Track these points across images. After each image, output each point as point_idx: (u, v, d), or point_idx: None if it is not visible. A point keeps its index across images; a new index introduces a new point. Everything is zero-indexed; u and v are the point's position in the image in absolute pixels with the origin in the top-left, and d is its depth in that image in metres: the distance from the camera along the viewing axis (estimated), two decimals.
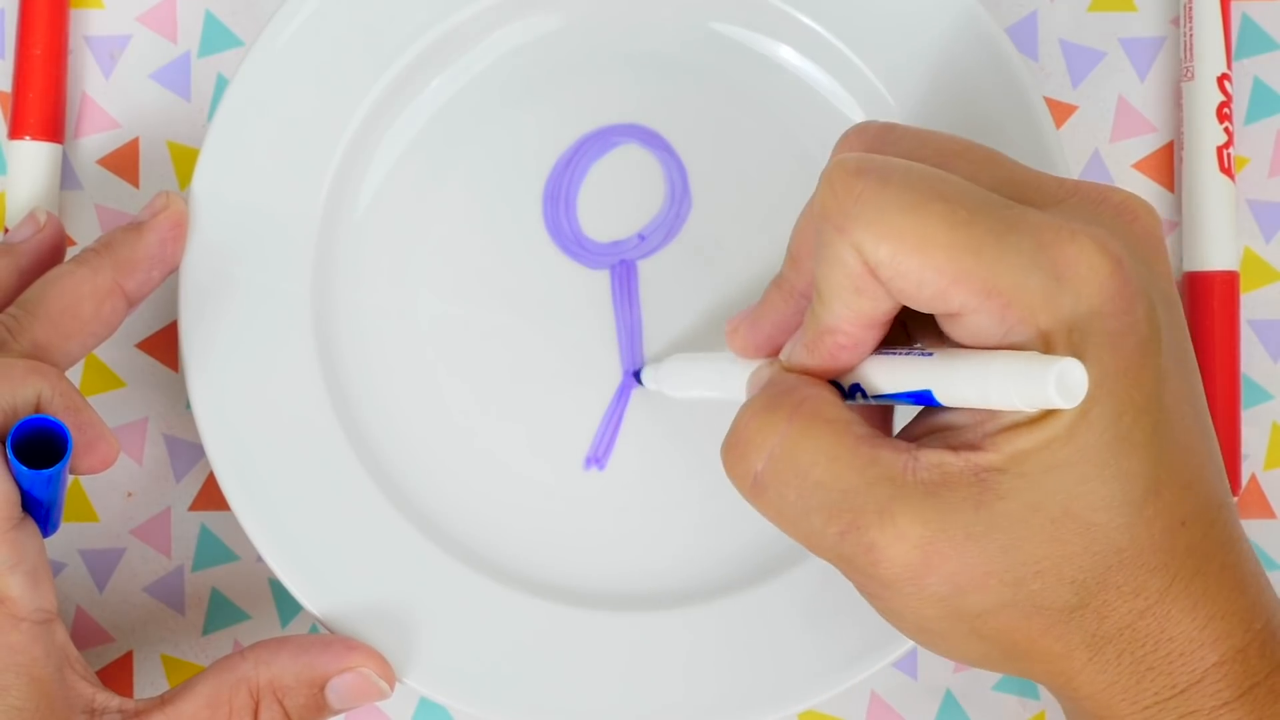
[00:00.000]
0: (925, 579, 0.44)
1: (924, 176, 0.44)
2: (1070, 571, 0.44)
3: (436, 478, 0.58)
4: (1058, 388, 0.41)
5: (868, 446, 0.45)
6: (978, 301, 0.43)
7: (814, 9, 0.59)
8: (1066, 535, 0.44)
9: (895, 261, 0.43)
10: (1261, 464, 0.62)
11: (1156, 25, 0.63)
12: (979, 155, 0.47)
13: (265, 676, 0.53)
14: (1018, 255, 0.43)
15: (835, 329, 0.46)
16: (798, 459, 0.45)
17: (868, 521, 0.44)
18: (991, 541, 0.44)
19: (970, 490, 0.44)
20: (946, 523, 0.44)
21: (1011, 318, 0.43)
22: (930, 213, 0.43)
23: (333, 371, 0.58)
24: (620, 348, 0.59)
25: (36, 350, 0.53)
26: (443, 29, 0.59)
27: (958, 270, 0.43)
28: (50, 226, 0.57)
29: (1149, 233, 0.46)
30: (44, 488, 0.51)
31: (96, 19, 0.62)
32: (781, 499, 0.46)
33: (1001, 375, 0.43)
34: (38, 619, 0.51)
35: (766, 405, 0.46)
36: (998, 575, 0.44)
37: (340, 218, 0.59)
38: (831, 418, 0.46)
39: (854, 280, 0.44)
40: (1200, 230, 0.61)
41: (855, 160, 0.45)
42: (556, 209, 0.59)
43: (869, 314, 0.45)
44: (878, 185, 0.44)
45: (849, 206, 0.44)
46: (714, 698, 0.57)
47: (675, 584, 0.58)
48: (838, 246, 0.44)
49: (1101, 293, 0.43)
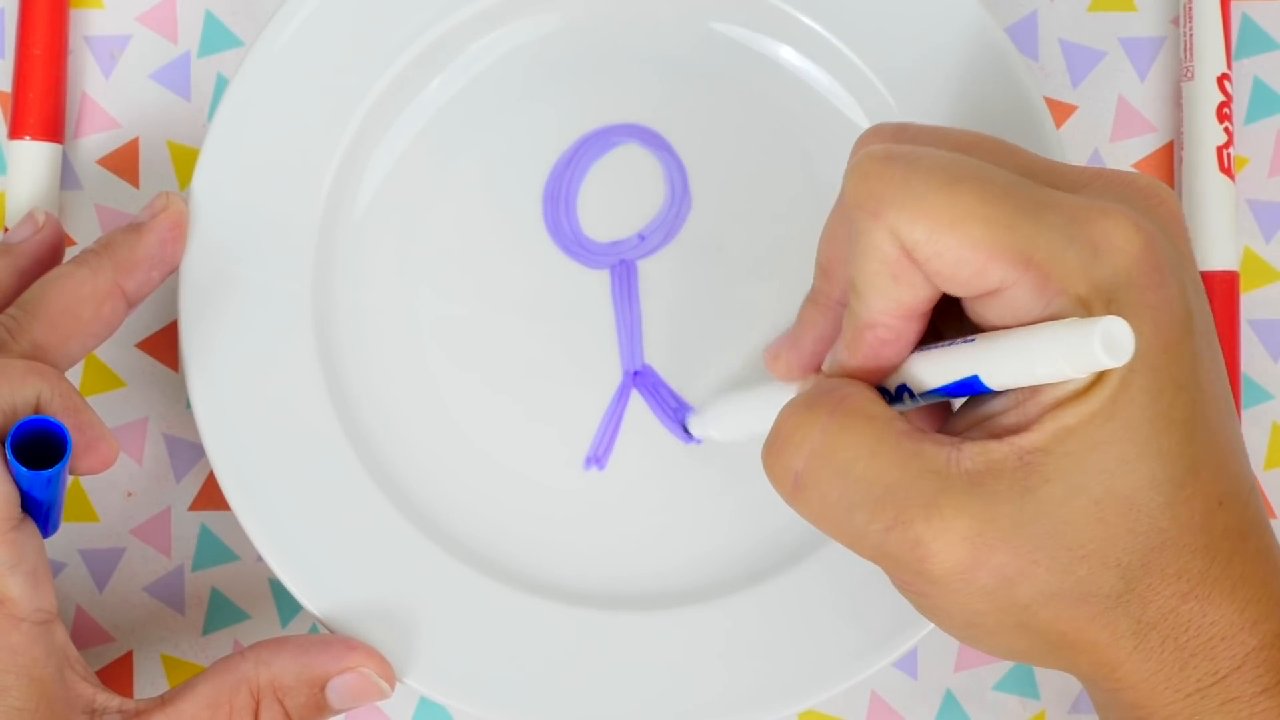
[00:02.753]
0: (974, 572, 0.44)
1: (953, 159, 0.44)
2: (1115, 554, 0.44)
3: (436, 477, 0.58)
4: (1104, 346, 0.41)
5: (910, 441, 0.45)
6: (1017, 274, 0.43)
7: (814, 9, 0.59)
8: (1110, 516, 0.44)
9: (932, 240, 0.44)
10: (1261, 464, 0.62)
11: (1156, 25, 0.63)
12: (997, 146, 0.48)
13: (266, 676, 0.53)
14: (1052, 228, 0.43)
15: (875, 323, 0.46)
16: (839, 455, 0.45)
17: (913, 516, 0.44)
18: (1038, 528, 0.44)
19: (1015, 476, 0.44)
20: (994, 513, 0.44)
21: (1051, 289, 0.43)
22: (963, 190, 0.43)
23: (333, 371, 0.58)
24: (620, 348, 0.59)
25: (36, 351, 0.53)
26: (443, 29, 0.59)
27: (995, 244, 0.43)
28: (49, 227, 0.57)
29: (1174, 216, 0.46)
30: (44, 488, 0.51)
31: (96, 19, 0.62)
32: (823, 498, 0.46)
33: (1047, 344, 0.42)
34: (38, 619, 0.51)
35: (806, 403, 0.46)
36: (1045, 563, 0.44)
37: (340, 218, 0.59)
38: (872, 414, 0.46)
39: (891, 267, 0.44)
40: (1200, 230, 0.61)
41: (882, 149, 0.45)
42: (556, 209, 0.59)
43: (908, 303, 0.45)
44: (908, 168, 0.44)
45: (881, 191, 0.44)
46: (714, 697, 0.57)
47: (675, 584, 0.58)
48: (873, 233, 0.44)
49: (1138, 265, 0.43)
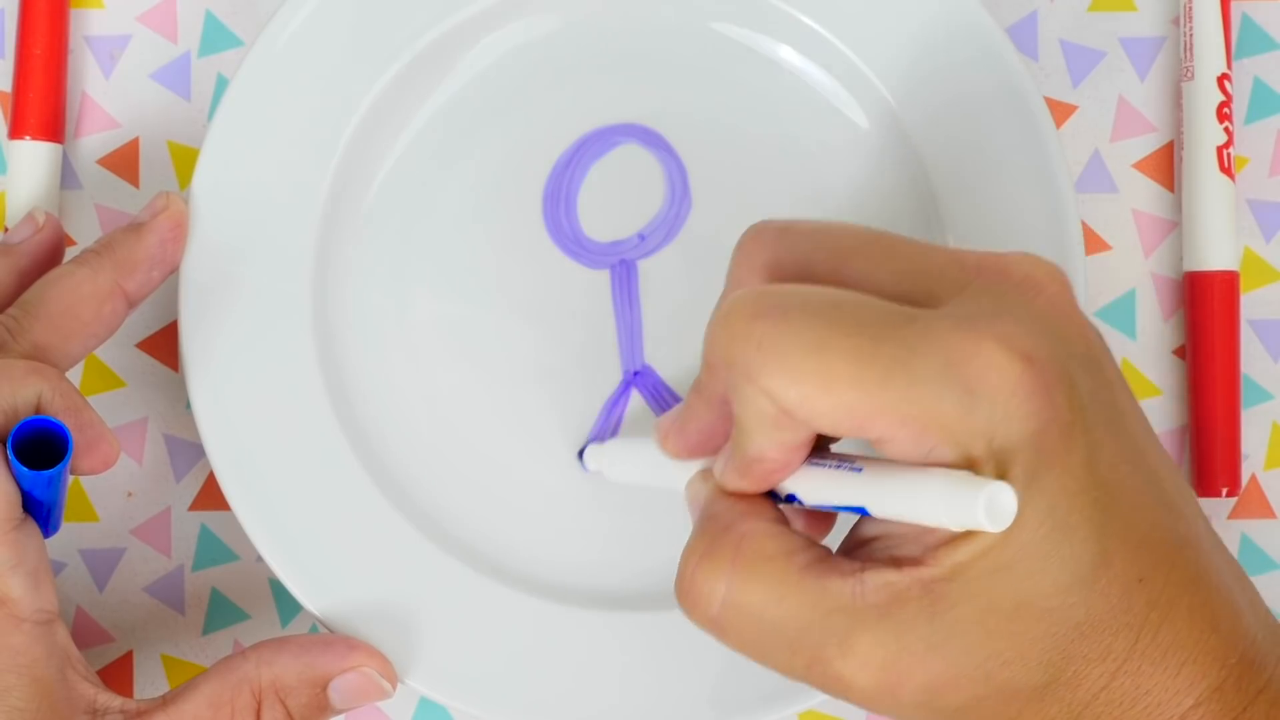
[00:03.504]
0: (897, 693, 0.45)
1: (820, 310, 0.44)
2: (1035, 655, 0.44)
3: (436, 477, 0.58)
4: (987, 512, 0.42)
5: (814, 578, 0.45)
6: (894, 430, 0.43)
7: (814, 9, 0.59)
8: (1023, 626, 0.44)
9: (806, 404, 0.43)
10: (1261, 464, 0.62)
11: (1156, 25, 0.63)
12: (876, 249, 0.47)
13: (267, 676, 0.53)
14: (926, 379, 0.43)
15: (761, 457, 0.46)
16: (749, 601, 0.45)
17: (829, 655, 0.45)
18: (953, 647, 0.44)
19: (921, 604, 0.44)
20: (905, 640, 0.44)
21: (930, 440, 0.43)
22: (833, 350, 0.43)
23: (333, 371, 0.58)
24: (620, 348, 0.59)
25: (37, 351, 0.53)
26: (442, 29, 0.59)
27: (870, 405, 0.43)
28: (49, 227, 0.57)
29: (1056, 302, 0.46)
30: (44, 488, 0.51)
31: (96, 19, 0.62)
32: (742, 640, 0.46)
33: (931, 498, 0.43)
34: (39, 620, 0.51)
35: (707, 551, 0.46)
36: (967, 675, 0.44)
37: (340, 218, 0.59)
38: (772, 554, 0.46)
39: (772, 419, 0.44)
40: (1200, 230, 0.61)
41: (751, 302, 0.45)
42: (556, 209, 0.59)
43: (792, 442, 0.45)
44: (777, 327, 0.44)
45: (752, 354, 0.44)
46: (714, 697, 0.57)
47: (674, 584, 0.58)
48: (748, 393, 0.44)
49: (1015, 396, 0.43)
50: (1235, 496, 0.61)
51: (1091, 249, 0.62)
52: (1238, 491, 0.61)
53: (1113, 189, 0.62)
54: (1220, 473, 0.60)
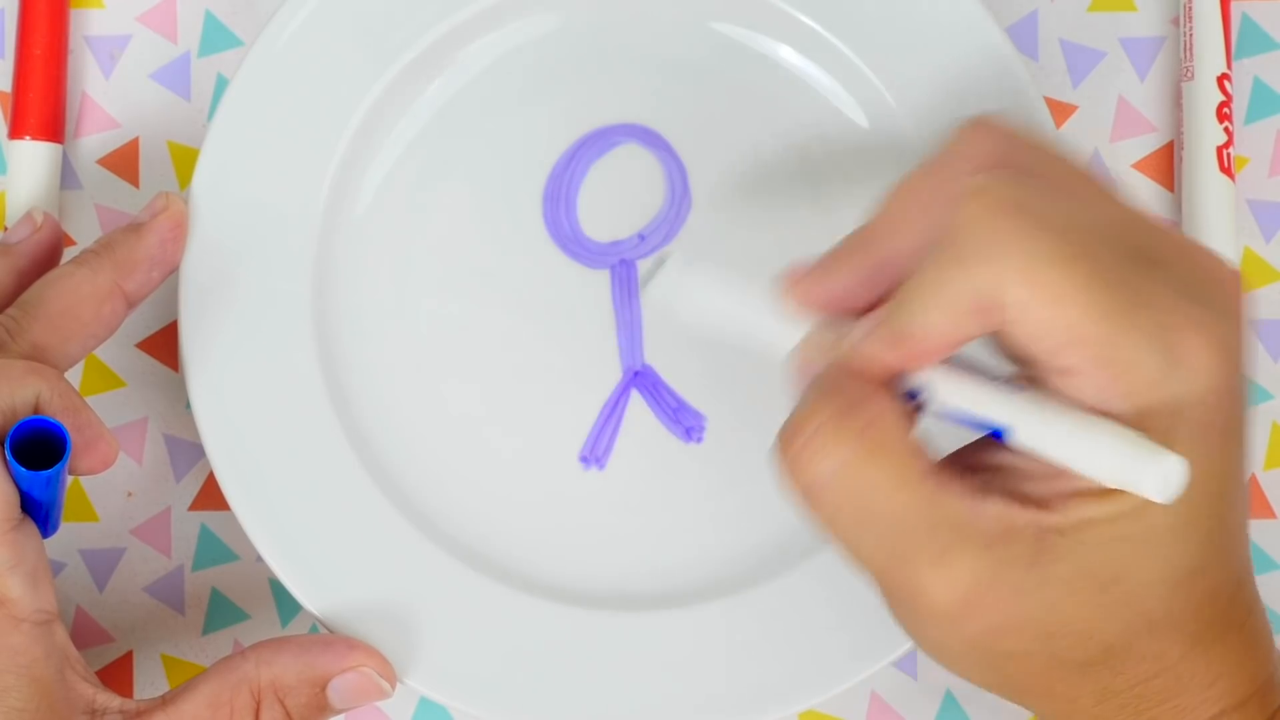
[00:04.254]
0: (963, 622, 0.45)
1: (1071, 228, 0.44)
2: (1102, 634, 0.45)
3: (436, 477, 0.58)
4: (1159, 483, 0.42)
5: (934, 484, 0.45)
6: (1091, 367, 0.43)
7: (814, 9, 0.59)
8: (1108, 601, 0.44)
9: (1027, 309, 0.43)
10: (1261, 464, 0.62)
11: (1156, 25, 0.63)
12: (1095, 191, 0.47)
13: (267, 676, 0.53)
14: (1141, 333, 0.43)
15: (925, 338, 0.45)
16: (861, 483, 0.45)
17: (921, 560, 0.44)
18: (1037, 598, 0.44)
19: (1028, 548, 0.44)
20: (999, 577, 0.44)
21: (1117, 390, 0.43)
22: (1076, 271, 0.43)
23: (333, 371, 0.58)
24: (620, 347, 0.59)
25: (36, 351, 0.53)
26: (443, 29, 0.59)
27: (1083, 334, 0.43)
28: (47, 227, 0.57)
29: (1241, 310, 0.46)
30: (43, 489, 0.51)
31: (96, 19, 0.62)
32: (836, 514, 0.46)
33: (1099, 447, 0.43)
34: (38, 620, 0.51)
35: (835, 416, 0.45)
36: (1033, 628, 0.45)
37: (340, 218, 0.59)
38: (900, 446, 0.45)
39: (966, 306, 0.44)
40: (1200, 230, 0.61)
41: (1015, 187, 0.44)
42: (556, 209, 0.59)
43: (963, 336, 0.45)
44: (1030, 226, 0.43)
45: (996, 239, 0.43)
46: (714, 697, 0.57)
47: (675, 584, 0.58)
48: (962, 272, 0.44)
49: (1208, 385, 0.43)
50: None
51: None
52: None
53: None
54: None
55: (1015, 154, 0.47)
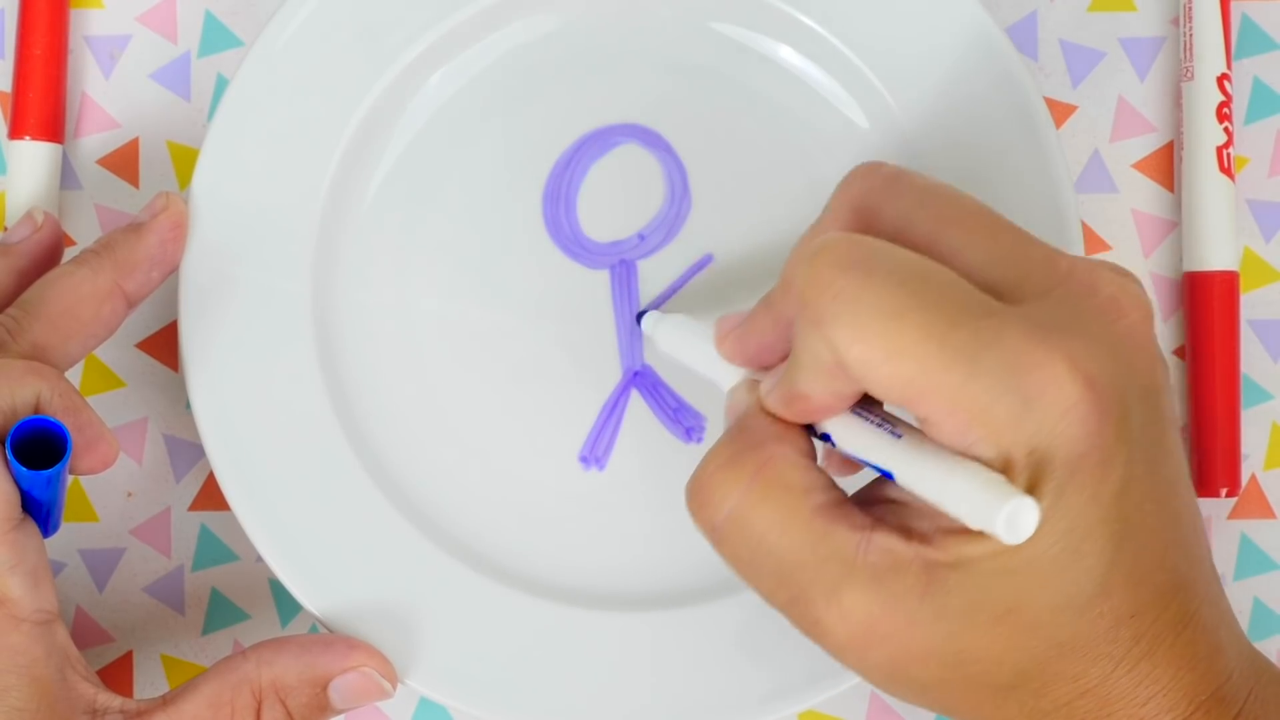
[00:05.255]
0: (866, 653, 0.45)
1: (906, 279, 0.44)
2: (1010, 660, 0.45)
3: (436, 477, 0.58)
4: (1006, 523, 0.42)
5: (823, 521, 0.46)
6: (942, 416, 0.44)
7: (814, 9, 0.59)
8: (1007, 631, 0.45)
9: (865, 365, 0.44)
10: (1261, 464, 0.62)
11: (1156, 25, 0.63)
12: (979, 224, 0.47)
13: (268, 676, 0.53)
14: (988, 376, 0.43)
15: (808, 396, 0.46)
16: (753, 523, 0.46)
17: (814, 597, 0.45)
18: (935, 629, 0.45)
19: (917, 580, 0.45)
20: (891, 608, 0.45)
21: (974, 434, 0.44)
22: (907, 323, 0.43)
23: (333, 371, 0.58)
24: (620, 347, 0.59)
25: (36, 351, 0.53)
26: (442, 29, 0.59)
27: (926, 384, 0.43)
28: (47, 226, 0.57)
29: (1133, 331, 0.46)
30: (44, 488, 0.51)
31: (96, 19, 0.62)
32: (736, 552, 0.47)
33: (958, 490, 0.43)
34: (38, 620, 0.51)
35: (731, 460, 0.47)
36: (938, 657, 0.45)
37: (340, 217, 0.59)
38: (791, 484, 0.46)
39: (826, 368, 0.45)
40: (1200, 230, 0.61)
41: (843, 250, 0.45)
42: (556, 209, 0.59)
43: (840, 392, 0.46)
44: (860, 284, 0.44)
45: (827, 302, 0.44)
46: (714, 697, 0.57)
47: (675, 584, 0.58)
48: (812, 337, 0.45)
49: (1067, 417, 0.43)
50: (1235, 497, 0.61)
51: (1091, 249, 0.62)
52: (1237, 491, 0.61)
53: (1112, 189, 0.62)
54: (1220, 473, 0.60)
55: (889, 199, 0.48)
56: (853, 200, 0.49)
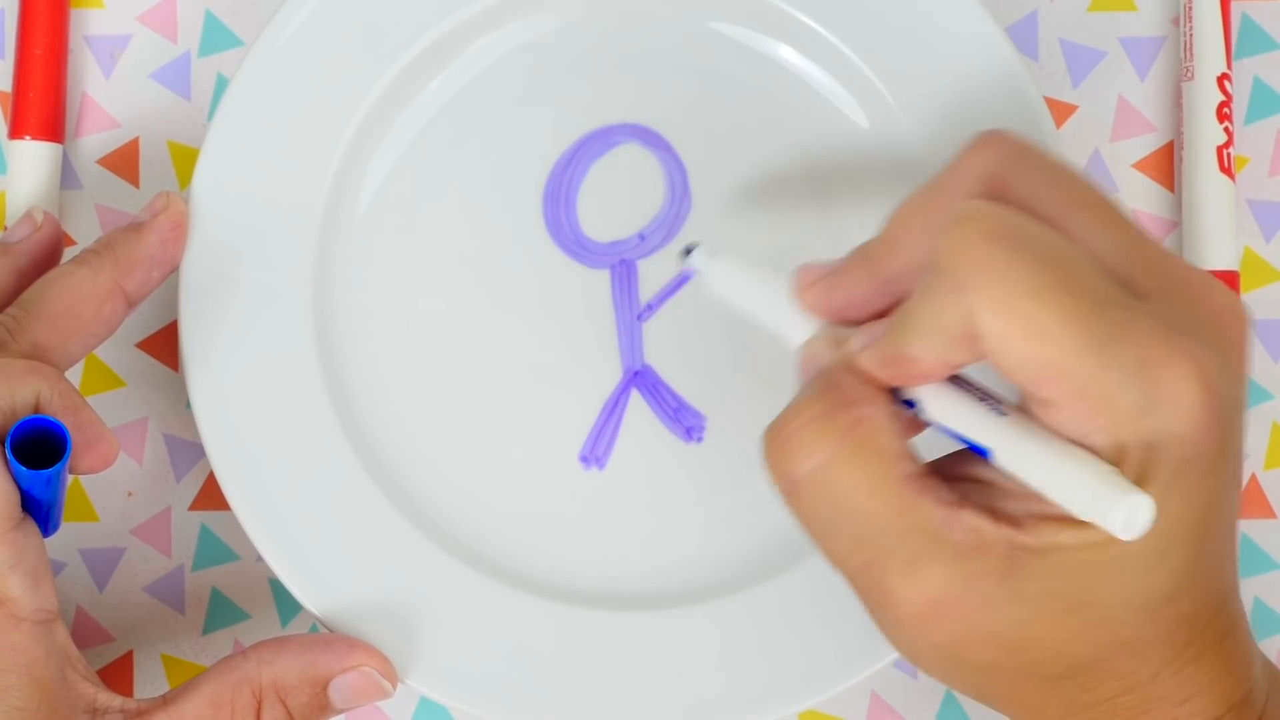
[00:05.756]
0: (931, 628, 0.45)
1: (1054, 259, 0.44)
2: (1070, 652, 0.45)
3: (436, 477, 0.58)
4: (1124, 519, 0.42)
5: (911, 490, 0.45)
6: (1068, 401, 0.43)
7: (814, 9, 0.59)
8: (1077, 623, 0.45)
9: (1003, 340, 0.43)
10: (1261, 464, 0.62)
11: (1156, 25, 0.63)
12: (1101, 214, 0.47)
13: (268, 676, 0.53)
14: (1120, 367, 0.43)
15: (916, 360, 0.45)
16: (840, 482, 0.46)
17: (891, 565, 0.45)
18: (1005, 614, 0.45)
19: (999, 562, 0.44)
20: (968, 588, 0.45)
21: (1095, 423, 0.43)
22: (1052, 304, 0.43)
23: (333, 371, 0.58)
24: (620, 347, 0.59)
25: (36, 351, 0.53)
26: (443, 29, 0.59)
27: (1060, 368, 0.43)
28: (47, 226, 0.57)
29: (1238, 344, 0.46)
30: (44, 488, 0.51)
31: (96, 19, 0.62)
32: (815, 511, 0.46)
33: (1071, 479, 0.43)
34: (38, 619, 0.51)
35: (823, 414, 0.46)
36: (999, 641, 0.45)
37: (340, 218, 0.59)
38: (883, 448, 0.46)
39: (954, 334, 0.44)
40: (1200, 230, 0.61)
41: (994, 220, 0.44)
42: (556, 209, 0.59)
43: (955, 361, 0.45)
44: (1010, 258, 0.43)
45: (974, 270, 0.43)
46: (714, 696, 0.57)
47: (675, 584, 0.58)
48: (948, 302, 0.44)
49: (1188, 421, 0.43)
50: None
51: None
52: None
53: (1113, 189, 0.62)
54: None
55: (1020, 173, 0.47)
56: (981, 169, 0.48)
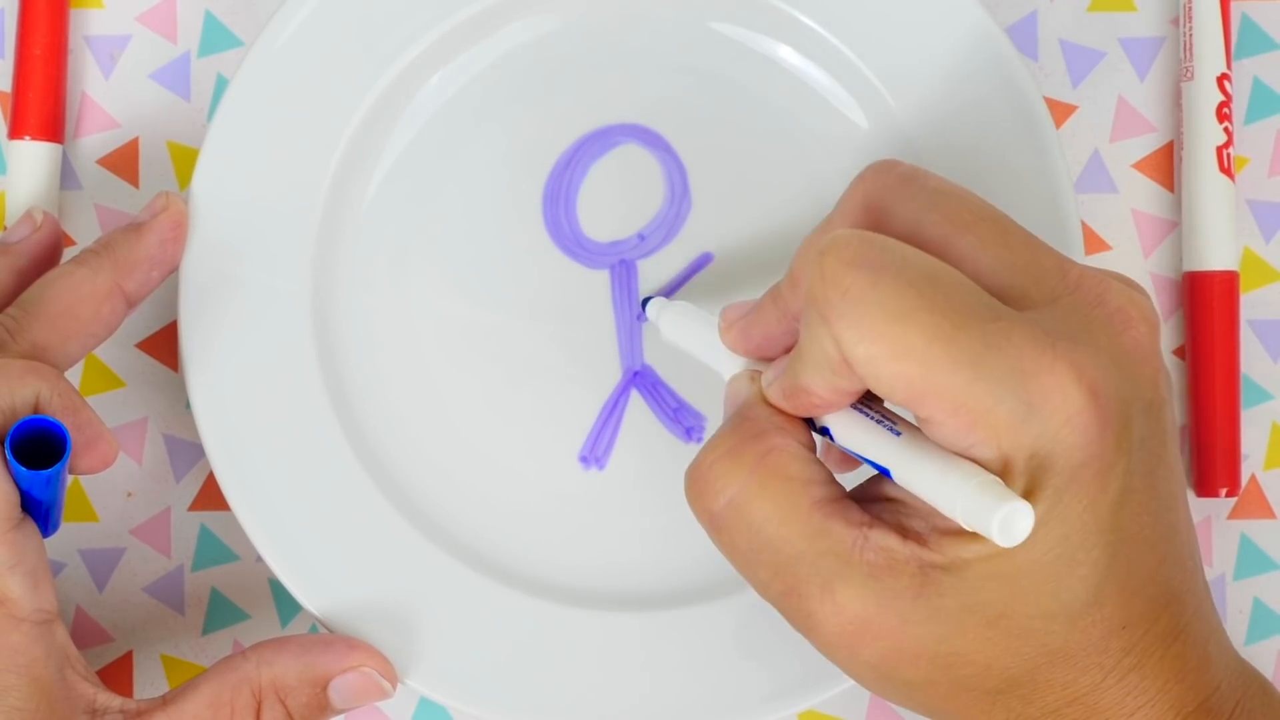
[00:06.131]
0: (858, 649, 0.46)
1: (915, 280, 0.44)
2: (1000, 665, 0.45)
3: (436, 477, 0.58)
4: (1001, 526, 0.42)
5: (821, 515, 0.46)
6: (944, 417, 0.44)
7: (814, 9, 0.59)
8: (999, 635, 0.45)
9: (871, 364, 0.44)
10: (1261, 464, 0.62)
11: (1156, 25, 0.63)
12: (990, 230, 0.47)
13: (268, 676, 0.53)
14: (993, 379, 0.43)
15: (810, 391, 0.46)
16: (752, 513, 0.46)
17: (809, 591, 0.46)
18: (927, 630, 0.45)
19: (912, 580, 0.45)
20: (884, 606, 0.45)
21: (975, 436, 0.44)
22: (913, 324, 0.43)
23: (333, 371, 0.58)
24: (620, 347, 0.59)
25: (36, 351, 0.53)
26: (443, 29, 0.59)
27: (930, 385, 0.44)
28: (47, 226, 0.57)
29: (1139, 344, 0.46)
30: (43, 488, 0.51)
31: (96, 19, 0.62)
32: (733, 545, 0.47)
33: (955, 490, 0.43)
34: (38, 619, 0.51)
35: (732, 450, 0.47)
36: (927, 658, 0.45)
37: (340, 217, 0.59)
38: (792, 475, 0.46)
39: (831, 364, 0.45)
40: (1200, 230, 0.61)
41: (854, 248, 0.45)
42: (556, 209, 0.59)
43: (843, 388, 0.46)
44: (868, 283, 0.44)
45: (835, 299, 0.44)
46: (714, 697, 0.57)
47: (676, 584, 0.58)
48: (819, 333, 0.45)
49: (1070, 424, 0.43)
50: (1235, 497, 0.61)
51: (1091, 249, 0.62)
52: (1237, 491, 0.61)
53: (1112, 189, 0.62)
54: (1220, 473, 0.60)
55: (901, 199, 0.48)
56: (865, 198, 0.49)
